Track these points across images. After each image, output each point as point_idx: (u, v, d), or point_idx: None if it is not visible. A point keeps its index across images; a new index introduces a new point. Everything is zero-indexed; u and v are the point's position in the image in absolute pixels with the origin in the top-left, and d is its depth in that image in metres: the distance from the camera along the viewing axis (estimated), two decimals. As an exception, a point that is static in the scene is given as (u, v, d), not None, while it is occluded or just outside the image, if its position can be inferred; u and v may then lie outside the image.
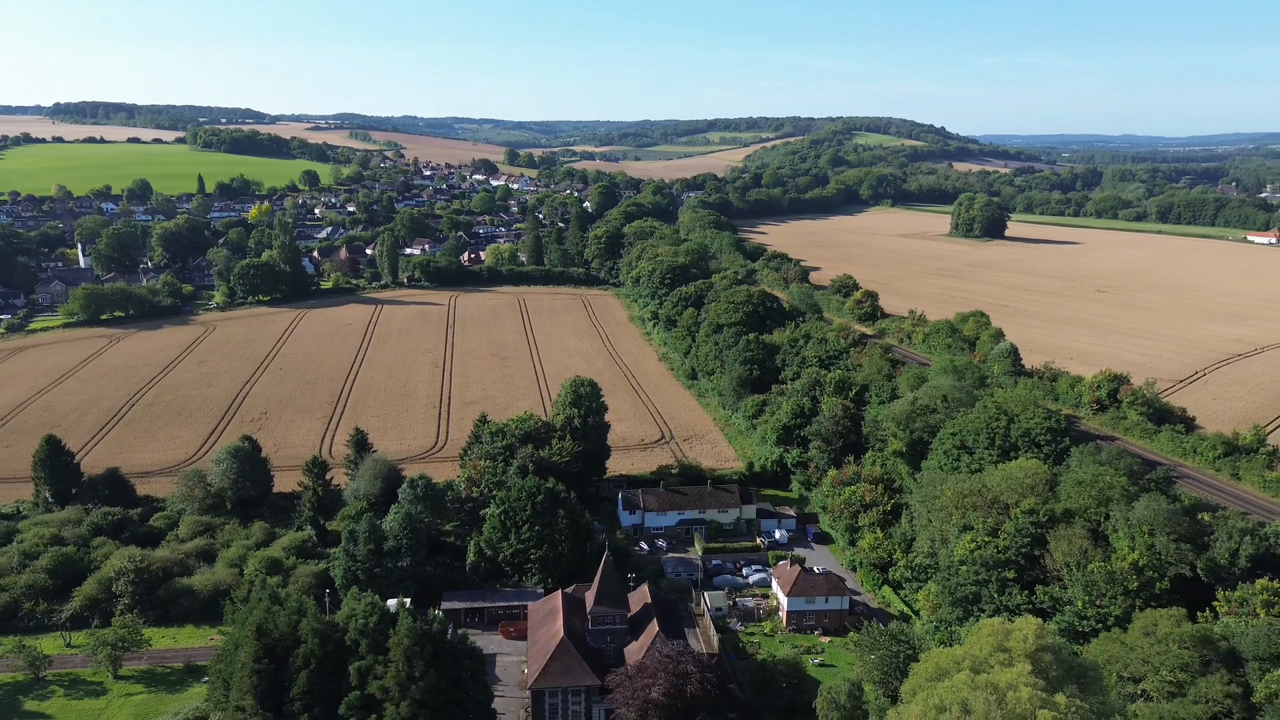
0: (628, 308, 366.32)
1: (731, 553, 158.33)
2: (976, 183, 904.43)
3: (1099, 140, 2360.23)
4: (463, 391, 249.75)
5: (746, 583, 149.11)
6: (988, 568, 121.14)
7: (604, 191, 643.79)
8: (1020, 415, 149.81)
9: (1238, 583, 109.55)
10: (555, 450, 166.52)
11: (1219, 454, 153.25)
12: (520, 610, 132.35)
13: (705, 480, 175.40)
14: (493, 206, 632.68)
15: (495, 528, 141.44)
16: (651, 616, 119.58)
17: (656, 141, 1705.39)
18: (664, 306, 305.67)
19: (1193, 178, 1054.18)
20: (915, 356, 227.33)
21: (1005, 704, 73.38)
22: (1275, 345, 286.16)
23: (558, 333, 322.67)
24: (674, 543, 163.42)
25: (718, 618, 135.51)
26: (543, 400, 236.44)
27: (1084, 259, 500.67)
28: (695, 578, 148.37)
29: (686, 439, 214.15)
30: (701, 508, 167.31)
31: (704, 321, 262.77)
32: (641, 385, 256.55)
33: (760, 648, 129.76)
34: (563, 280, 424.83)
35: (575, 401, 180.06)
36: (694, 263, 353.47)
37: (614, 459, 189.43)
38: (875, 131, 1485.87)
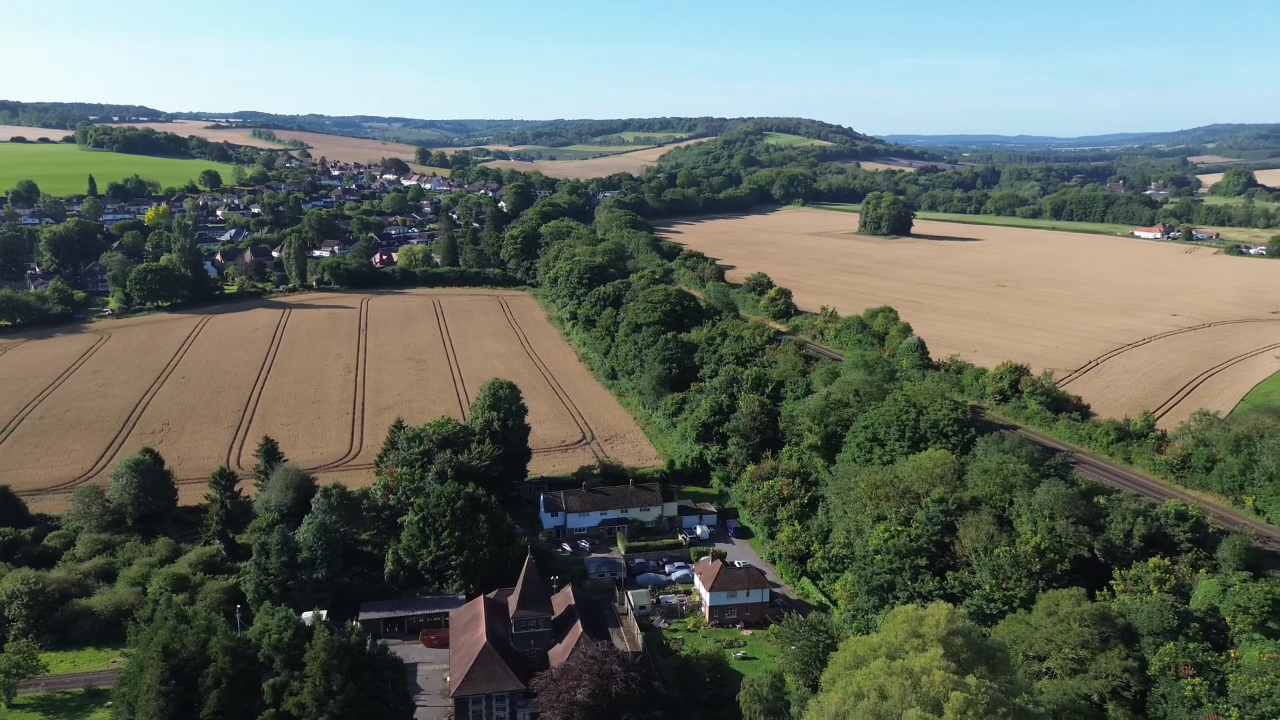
0: (546, 308, 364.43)
1: (654, 550, 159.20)
2: (883, 182, 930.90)
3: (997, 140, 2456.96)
4: (377, 397, 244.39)
5: (669, 580, 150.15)
6: (901, 556, 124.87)
7: (519, 191, 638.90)
8: (929, 407, 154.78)
9: (1132, 562, 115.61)
10: (475, 454, 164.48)
11: (1112, 440, 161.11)
12: (441, 618, 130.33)
13: (627, 479, 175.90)
14: (405, 207, 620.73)
15: (414, 535, 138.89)
16: (575, 618, 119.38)
17: (571, 141, 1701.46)
18: (583, 306, 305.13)
19: (1083, 176, 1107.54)
20: (828, 352, 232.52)
21: (920, 688, 75.75)
22: (1162, 335, 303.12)
23: (475, 334, 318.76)
24: (597, 543, 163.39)
25: (641, 616, 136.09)
26: (461, 404, 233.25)
27: (985, 255, 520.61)
28: (619, 577, 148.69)
29: (608, 439, 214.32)
30: (624, 507, 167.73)
31: (623, 321, 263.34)
32: (561, 386, 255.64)
33: (684, 644, 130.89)
34: (479, 281, 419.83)
35: (494, 404, 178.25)
36: (611, 262, 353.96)
37: (535, 461, 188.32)
38: (786, 132, 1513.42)
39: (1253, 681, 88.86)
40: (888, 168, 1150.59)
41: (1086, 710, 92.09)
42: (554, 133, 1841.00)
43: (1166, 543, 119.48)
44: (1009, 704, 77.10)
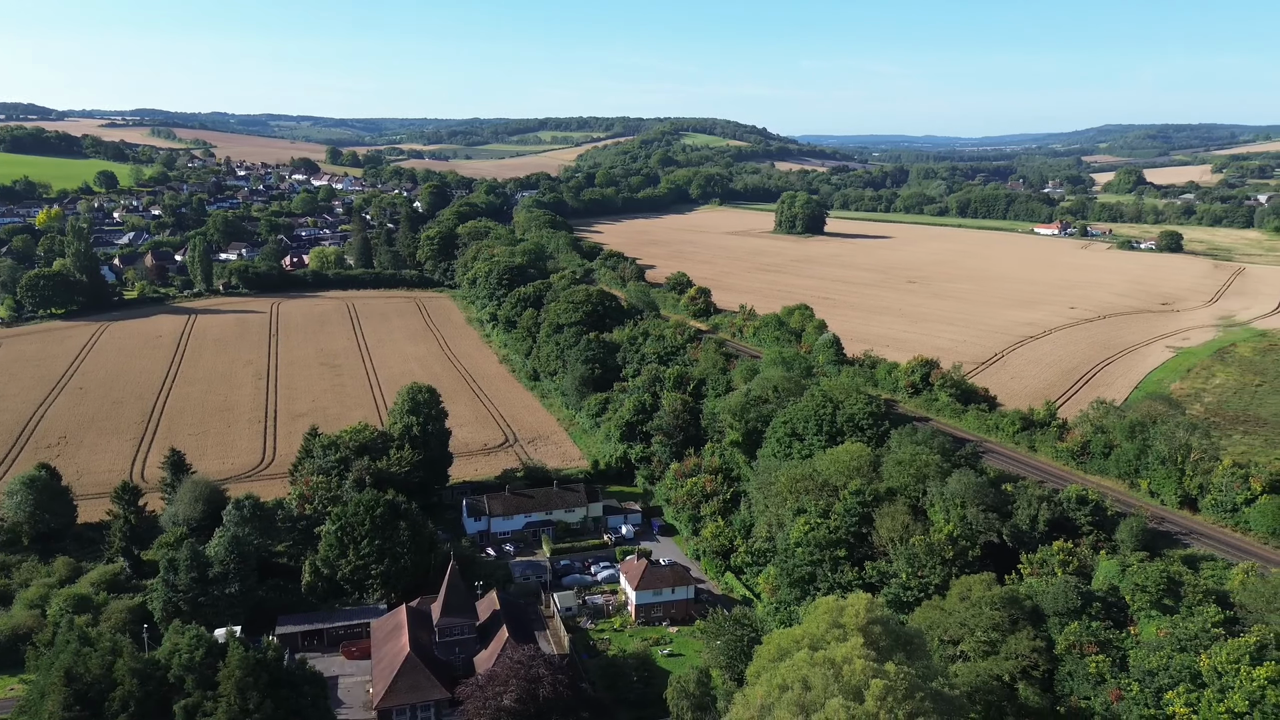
0: (465, 310, 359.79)
1: (580, 552, 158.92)
2: (797, 181, 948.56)
3: (905, 140, 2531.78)
4: (290, 404, 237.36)
5: (595, 580, 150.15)
6: (821, 548, 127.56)
7: (435, 191, 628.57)
8: (845, 402, 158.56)
9: (1038, 546, 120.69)
10: (394, 460, 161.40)
11: (1018, 429, 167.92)
12: (362, 629, 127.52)
13: (551, 481, 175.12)
14: (315, 208, 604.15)
15: (332, 545, 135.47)
16: (501, 623, 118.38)
17: (487, 140, 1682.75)
18: (503, 308, 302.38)
19: (986, 175, 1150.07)
20: (747, 350, 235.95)
21: (842, 677, 77.57)
22: (1061, 327, 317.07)
23: (392, 338, 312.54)
24: (522, 546, 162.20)
25: (568, 617, 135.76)
26: (378, 409, 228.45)
27: (895, 252, 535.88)
28: (544, 579, 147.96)
29: (531, 440, 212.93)
30: (548, 509, 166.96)
31: (544, 322, 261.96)
32: (482, 389, 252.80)
33: (611, 644, 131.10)
34: (395, 283, 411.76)
35: (413, 409, 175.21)
36: (531, 263, 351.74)
37: (457, 465, 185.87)
38: (702, 132, 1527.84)
39: (1151, 656, 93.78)
40: (801, 167, 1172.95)
41: (999, 690, 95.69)
42: (470, 131, 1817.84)
43: (1069, 526, 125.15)
44: (926, 688, 79.58)
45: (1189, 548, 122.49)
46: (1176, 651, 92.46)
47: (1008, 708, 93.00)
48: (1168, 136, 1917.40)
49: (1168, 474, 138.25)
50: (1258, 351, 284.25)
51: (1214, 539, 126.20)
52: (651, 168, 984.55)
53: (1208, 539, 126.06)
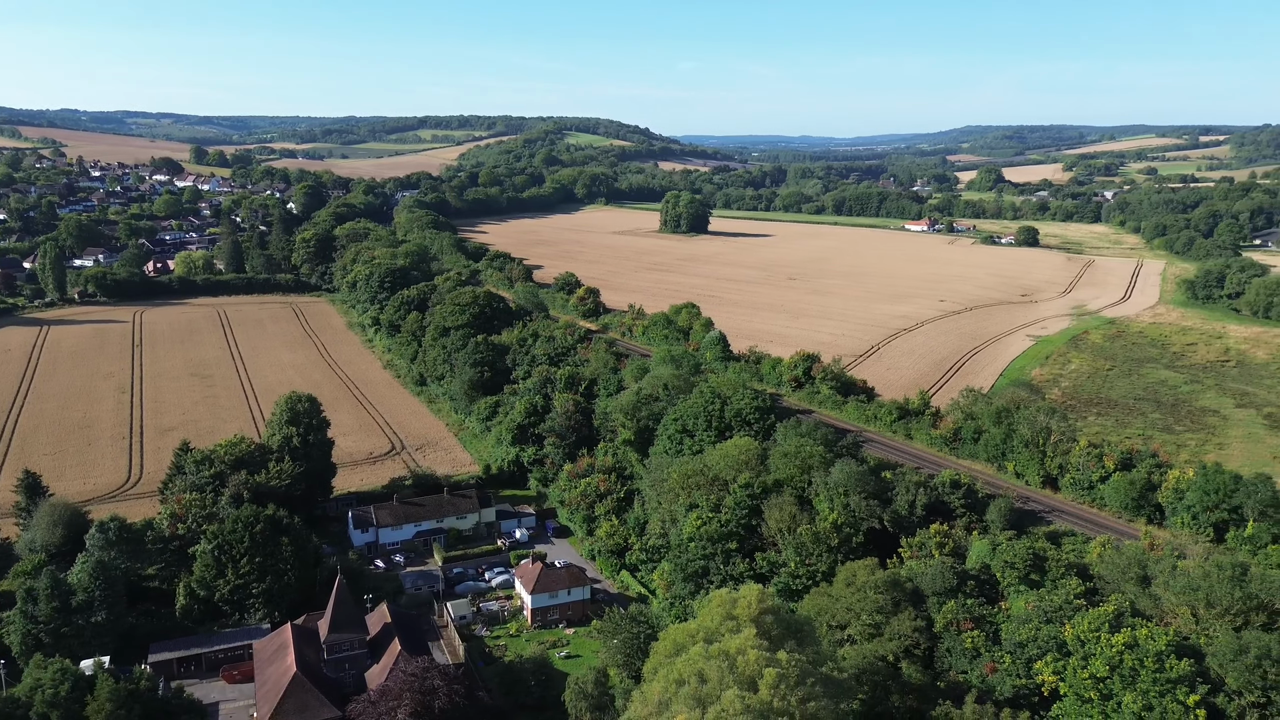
0: (345, 314, 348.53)
1: (473, 558, 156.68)
2: (681, 181, 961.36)
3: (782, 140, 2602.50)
4: (158, 418, 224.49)
5: (490, 586, 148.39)
6: (713, 541, 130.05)
7: (310, 191, 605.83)
8: (732, 397, 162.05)
9: (916, 529, 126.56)
10: (273, 474, 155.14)
11: (894, 418, 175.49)
12: (244, 650, 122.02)
13: (442, 488, 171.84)
14: (180, 210, 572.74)
15: (208, 565, 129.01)
16: (393, 635, 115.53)
17: (364, 139, 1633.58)
18: (385, 311, 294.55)
19: (860, 174, 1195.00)
20: (637, 348, 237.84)
21: (736, 669, 79.32)
22: (932, 319, 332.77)
23: (267, 346, 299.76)
24: (413, 555, 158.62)
25: (462, 625, 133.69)
26: (255, 421, 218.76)
27: (776, 250, 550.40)
28: (437, 588, 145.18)
29: (419, 447, 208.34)
30: (439, 516, 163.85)
31: (429, 325, 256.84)
32: (366, 395, 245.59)
33: (507, 649, 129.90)
34: (269, 288, 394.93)
35: (293, 419, 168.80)
36: (415, 264, 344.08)
37: (341, 476, 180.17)
38: (585, 131, 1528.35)
39: (1020, 629, 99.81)
40: (684, 167, 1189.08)
41: (883, 670, 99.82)
42: (345, 130, 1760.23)
43: (944, 510, 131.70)
44: (816, 674, 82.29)
45: (1052, 525, 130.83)
46: (1043, 623, 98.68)
47: (892, 686, 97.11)
48: (1023, 137, 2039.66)
49: (1031, 456, 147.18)
50: (1107, 338, 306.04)
51: (1074, 515, 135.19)
52: (536, 167, 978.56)
53: (1068, 515, 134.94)
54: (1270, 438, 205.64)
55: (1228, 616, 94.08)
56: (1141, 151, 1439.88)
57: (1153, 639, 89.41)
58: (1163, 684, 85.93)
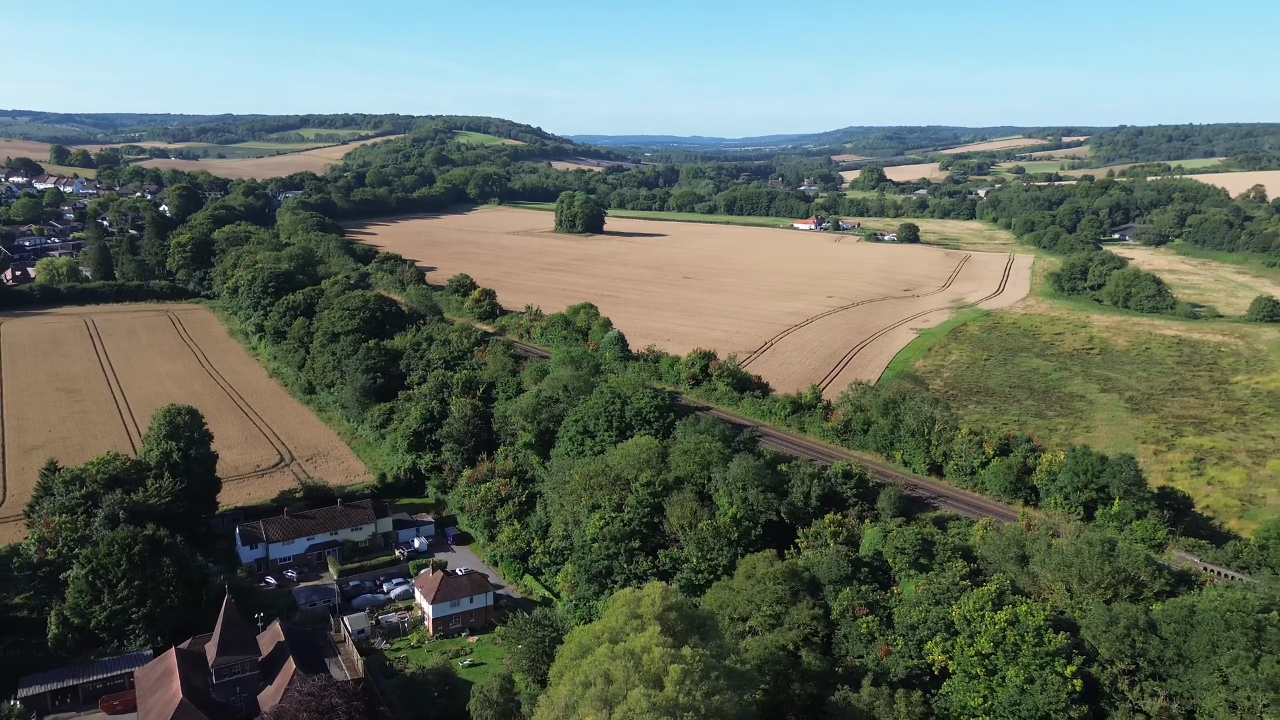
0: (226, 321, 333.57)
1: (370, 570, 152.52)
2: (575, 181, 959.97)
3: (674, 141, 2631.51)
4: (21, 437, 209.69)
5: (389, 598, 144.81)
6: (616, 541, 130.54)
7: (185, 193, 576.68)
8: (632, 397, 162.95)
9: (812, 520, 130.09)
10: (152, 492, 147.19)
11: (789, 412, 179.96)
12: (125, 679, 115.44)
13: (335, 499, 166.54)
14: (40, 214, 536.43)
15: (83, 591, 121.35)
16: (287, 654, 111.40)
17: (243, 138, 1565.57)
18: (270, 317, 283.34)
19: (749, 174, 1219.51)
20: (536, 350, 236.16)
21: (642, 667, 79.87)
22: (821, 315, 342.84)
23: (142, 356, 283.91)
24: (306, 570, 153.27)
25: (361, 640, 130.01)
26: (130, 436, 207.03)
27: (671, 249, 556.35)
28: (333, 603, 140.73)
29: (310, 458, 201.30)
30: (333, 529, 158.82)
31: (317, 330, 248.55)
32: (252, 406, 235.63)
33: (409, 661, 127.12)
34: (142, 295, 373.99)
35: (172, 433, 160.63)
36: (300, 268, 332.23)
37: (227, 491, 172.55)
38: (476, 131, 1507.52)
39: (911, 612, 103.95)
40: (578, 167, 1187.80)
41: (784, 659, 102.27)
42: (222, 128, 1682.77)
43: (838, 499, 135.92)
44: (720, 667, 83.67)
45: (938, 510, 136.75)
46: (932, 605, 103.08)
47: (793, 675, 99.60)
48: (902, 138, 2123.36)
49: (917, 445, 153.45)
50: (984, 330, 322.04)
51: (958, 500, 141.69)
52: (426, 167, 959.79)
53: (953, 501, 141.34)
54: (1131, 420, 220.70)
55: (1099, 590, 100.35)
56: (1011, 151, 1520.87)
57: (1032, 615, 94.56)
58: (1042, 657, 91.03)
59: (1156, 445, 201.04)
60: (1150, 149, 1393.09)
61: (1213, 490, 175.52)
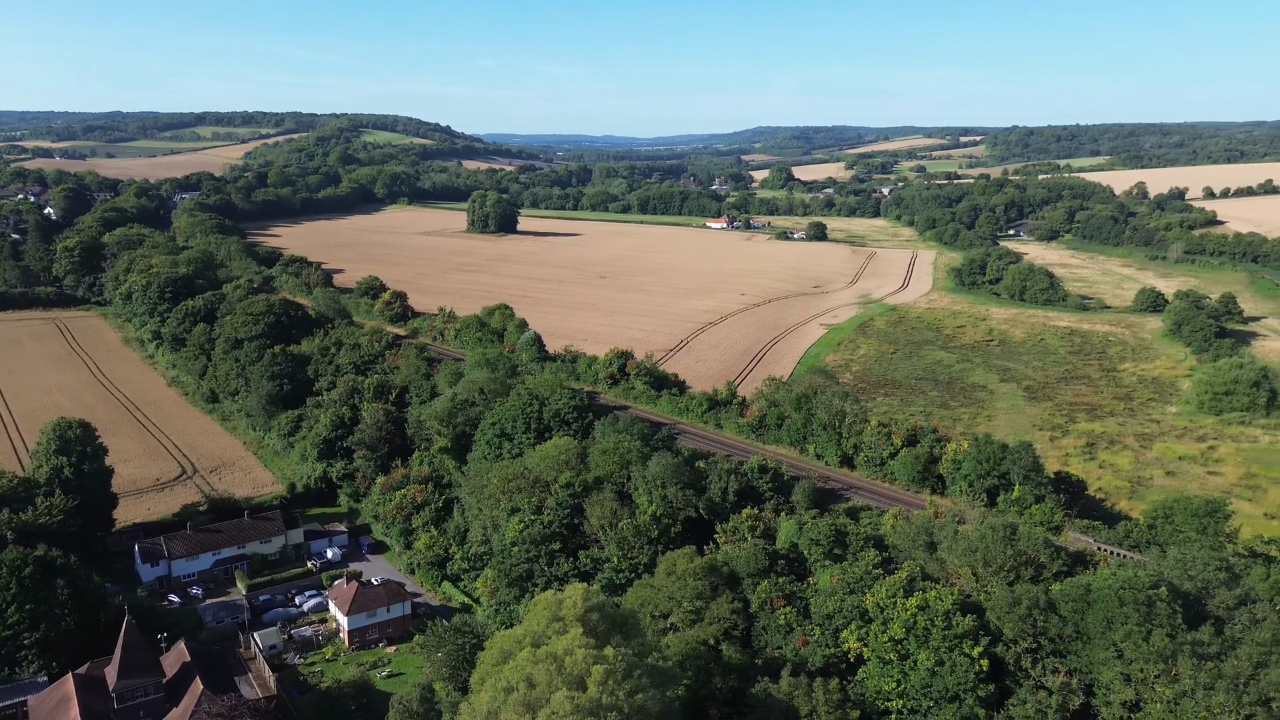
0: (120, 329, 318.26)
1: (281, 583, 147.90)
2: (486, 180, 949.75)
3: (586, 140, 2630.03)
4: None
5: (302, 611, 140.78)
6: (536, 544, 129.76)
7: (72, 195, 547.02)
8: (550, 398, 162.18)
9: (730, 515, 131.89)
10: (42, 510, 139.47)
11: (705, 409, 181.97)
12: (18, 709, 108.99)
13: (242, 511, 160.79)
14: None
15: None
16: (193, 675, 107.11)
17: (134, 136, 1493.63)
18: (168, 324, 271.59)
19: (662, 174, 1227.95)
20: (450, 353, 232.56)
21: (565, 670, 79.62)
22: (735, 312, 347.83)
23: (28, 367, 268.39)
24: (212, 586, 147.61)
25: (273, 655, 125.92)
26: (17, 452, 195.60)
27: (586, 249, 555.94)
28: (242, 619, 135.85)
29: (214, 470, 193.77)
30: (240, 542, 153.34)
31: (219, 337, 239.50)
32: (149, 417, 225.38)
33: (324, 675, 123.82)
34: (26, 303, 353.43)
35: (62, 448, 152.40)
36: (199, 272, 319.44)
37: (125, 507, 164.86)
38: (383, 129, 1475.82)
39: (827, 601, 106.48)
40: (489, 166, 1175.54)
41: (705, 654, 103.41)
42: (111, 127, 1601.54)
43: (755, 494, 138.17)
44: (643, 665, 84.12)
45: (850, 501, 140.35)
46: (847, 594, 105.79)
47: (714, 669, 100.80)
48: (809, 137, 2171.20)
49: (829, 438, 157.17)
50: (890, 324, 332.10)
51: (869, 491, 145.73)
52: (331, 166, 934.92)
53: (864, 491, 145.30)
54: (1029, 408, 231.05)
55: (1002, 573, 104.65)
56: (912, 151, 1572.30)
57: (941, 600, 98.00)
58: (951, 640, 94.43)
59: (1052, 432, 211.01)
60: (1041, 148, 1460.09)
61: (1104, 473, 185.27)
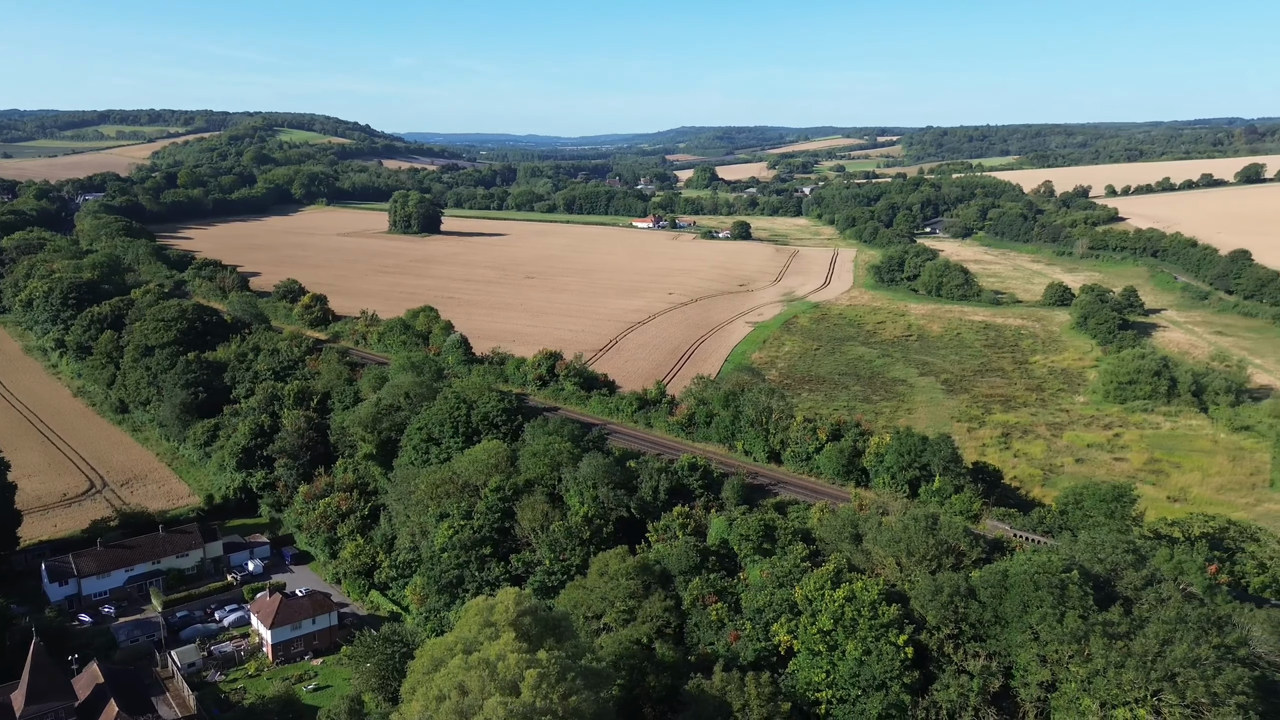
0: (20, 338, 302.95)
1: (200, 599, 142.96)
2: (408, 180, 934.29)
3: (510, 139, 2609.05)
4: None
5: (222, 627, 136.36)
6: (467, 549, 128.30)
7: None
8: (478, 401, 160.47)
9: (661, 513, 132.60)
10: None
11: (635, 408, 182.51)
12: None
13: (156, 526, 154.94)
14: None
15: None
16: (107, 697, 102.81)
17: (32, 135, 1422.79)
18: (72, 332, 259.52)
19: (587, 173, 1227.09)
20: (373, 357, 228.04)
21: (498, 675, 78.94)
22: (662, 312, 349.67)
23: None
24: (126, 604, 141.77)
25: (192, 673, 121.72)
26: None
27: (512, 249, 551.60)
28: (158, 637, 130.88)
29: (125, 483, 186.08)
30: (155, 557, 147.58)
31: (129, 344, 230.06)
32: (54, 429, 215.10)
33: (247, 692, 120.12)
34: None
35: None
36: (105, 277, 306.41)
37: (29, 524, 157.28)
38: (300, 128, 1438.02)
39: (757, 596, 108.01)
40: (411, 166, 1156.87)
41: (639, 653, 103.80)
42: (7, 125, 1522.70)
43: (685, 492, 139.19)
44: (576, 667, 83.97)
45: (778, 496, 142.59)
46: (776, 588, 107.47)
47: (648, 667, 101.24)
48: (732, 138, 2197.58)
49: (756, 434, 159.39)
50: (814, 321, 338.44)
51: (796, 485, 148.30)
52: (246, 166, 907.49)
53: (791, 486, 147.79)
54: (947, 401, 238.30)
55: (925, 562, 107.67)
56: (832, 151, 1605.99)
57: (867, 590, 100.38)
58: (877, 629, 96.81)
59: (970, 423, 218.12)
60: (954, 148, 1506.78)
61: (1019, 462, 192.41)
